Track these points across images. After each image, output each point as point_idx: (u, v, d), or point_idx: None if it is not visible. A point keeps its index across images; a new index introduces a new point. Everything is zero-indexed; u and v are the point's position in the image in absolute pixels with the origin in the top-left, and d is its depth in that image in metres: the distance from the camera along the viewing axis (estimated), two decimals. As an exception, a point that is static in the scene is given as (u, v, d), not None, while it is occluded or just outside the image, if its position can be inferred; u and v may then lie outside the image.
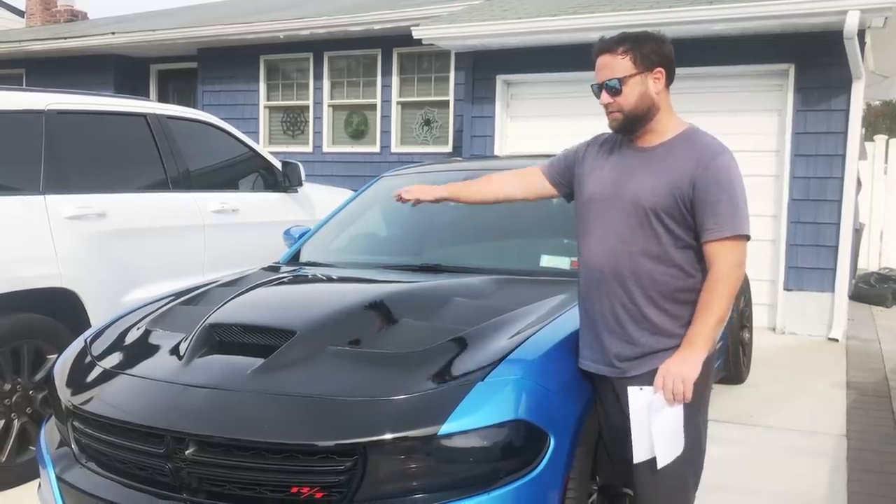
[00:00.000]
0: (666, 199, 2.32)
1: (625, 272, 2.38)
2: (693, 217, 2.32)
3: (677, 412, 2.31)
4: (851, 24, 6.00)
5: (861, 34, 6.33)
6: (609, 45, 2.39)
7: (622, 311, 2.40)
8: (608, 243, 2.42)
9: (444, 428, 2.14)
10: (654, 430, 2.30)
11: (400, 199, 2.92)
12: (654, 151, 2.42)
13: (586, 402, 2.53)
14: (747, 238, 2.31)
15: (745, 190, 2.35)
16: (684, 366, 2.28)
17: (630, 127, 2.42)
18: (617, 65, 2.36)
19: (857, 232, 8.28)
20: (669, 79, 2.42)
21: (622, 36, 2.40)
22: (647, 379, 2.36)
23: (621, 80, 2.35)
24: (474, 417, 2.18)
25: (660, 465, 2.32)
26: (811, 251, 6.90)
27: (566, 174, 2.69)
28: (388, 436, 2.14)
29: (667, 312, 2.37)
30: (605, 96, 2.39)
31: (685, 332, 2.35)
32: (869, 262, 10.75)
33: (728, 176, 2.31)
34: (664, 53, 2.40)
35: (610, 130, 2.62)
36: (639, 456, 2.34)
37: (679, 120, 2.46)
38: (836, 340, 6.75)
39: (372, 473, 2.14)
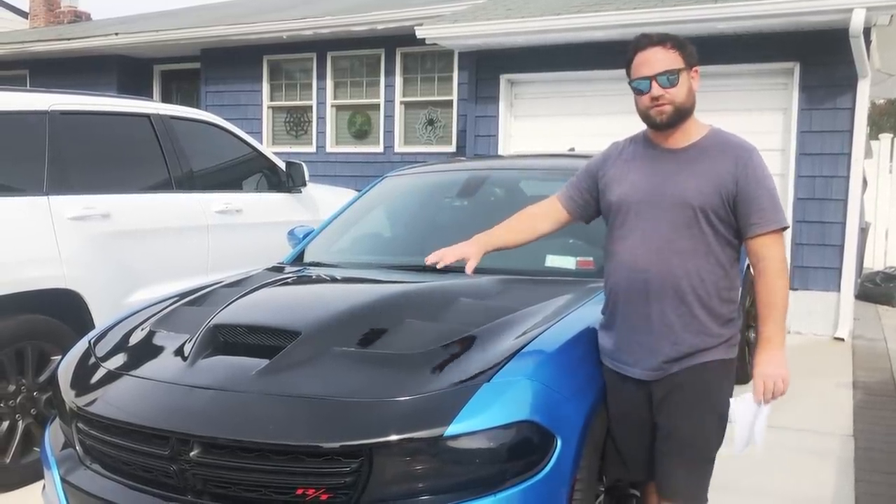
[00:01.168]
0: (713, 197, 2.35)
1: (676, 272, 2.38)
2: (735, 214, 2.36)
3: (769, 408, 2.43)
4: (857, 21, 5.98)
5: (867, 32, 6.32)
6: (659, 39, 2.40)
7: (671, 313, 2.39)
8: (652, 245, 2.40)
9: (451, 429, 2.13)
10: (756, 428, 2.42)
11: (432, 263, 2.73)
12: (686, 152, 2.43)
13: (593, 402, 2.52)
14: (786, 229, 2.38)
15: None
16: (776, 365, 2.38)
17: (676, 122, 2.40)
18: (670, 57, 2.37)
19: (863, 231, 8.25)
20: None
21: (664, 34, 2.43)
22: (683, 377, 2.41)
23: (678, 72, 2.36)
24: (480, 419, 2.16)
25: (761, 450, 2.47)
26: (816, 250, 6.89)
27: (585, 194, 2.66)
28: (394, 437, 2.12)
29: (711, 311, 2.40)
30: (656, 88, 2.36)
31: (723, 331, 2.42)
32: (874, 261, 10.72)
33: (763, 172, 2.37)
34: (695, 54, 2.45)
35: (614, 141, 2.67)
36: (738, 452, 2.44)
37: (699, 121, 2.48)
38: (842, 340, 6.72)
39: (378, 475, 2.12)
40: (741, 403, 2.41)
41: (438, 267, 2.68)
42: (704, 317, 2.39)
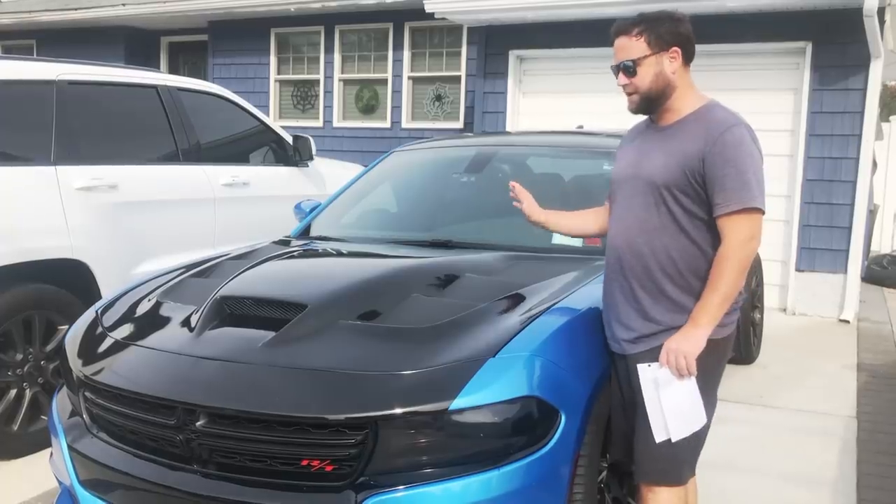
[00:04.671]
0: (676, 175, 2.33)
1: (643, 249, 2.40)
2: (706, 193, 2.32)
3: (689, 387, 2.32)
4: (871, 0, 5.91)
5: (881, 12, 6.24)
6: (624, 28, 2.41)
7: (640, 289, 2.41)
8: (626, 222, 2.46)
9: (455, 403, 2.13)
10: (664, 405, 2.32)
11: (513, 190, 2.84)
12: (668, 129, 2.43)
13: (598, 379, 2.52)
14: (758, 211, 2.28)
15: (761, 162, 2.34)
16: (685, 342, 2.30)
17: (647, 107, 2.44)
18: (632, 46, 2.38)
19: (871, 213, 8.22)
20: (688, 57, 2.43)
21: (638, 17, 2.42)
22: (656, 354, 2.38)
23: (635, 62, 2.38)
24: (485, 393, 2.17)
25: (674, 439, 2.34)
26: (824, 232, 6.86)
27: None
28: (399, 410, 2.13)
29: (684, 289, 2.37)
30: (621, 77, 2.42)
31: None
32: (882, 244, 10.68)
33: (737, 149, 2.28)
34: (680, 32, 2.40)
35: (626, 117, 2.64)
36: (658, 434, 2.35)
37: (699, 96, 2.45)
38: (848, 322, 6.72)
39: (382, 448, 2.14)
40: (646, 371, 2.35)
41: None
42: (678, 295, 2.37)
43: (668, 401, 2.33)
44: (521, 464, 2.18)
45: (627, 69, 2.39)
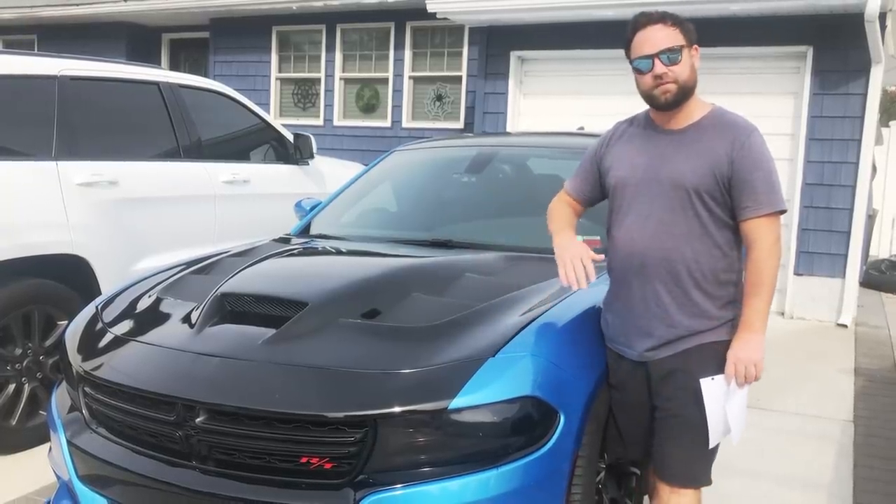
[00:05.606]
0: (707, 178, 2.33)
1: (670, 255, 2.38)
2: (730, 196, 2.33)
3: (745, 393, 2.40)
4: (873, 6, 5.93)
5: (882, 17, 6.25)
6: (659, 17, 2.37)
7: (666, 295, 2.39)
8: (647, 228, 2.40)
9: (455, 402, 2.14)
10: (729, 414, 2.37)
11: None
12: (684, 133, 2.41)
13: (597, 380, 2.53)
14: (782, 214, 2.35)
15: (776, 167, 2.38)
16: (751, 350, 2.33)
17: (680, 100, 2.38)
18: (671, 34, 2.34)
19: (870, 218, 8.24)
20: None
21: (663, 11, 2.40)
22: (680, 359, 2.39)
23: (679, 49, 2.34)
24: (484, 393, 2.17)
25: (735, 442, 2.44)
26: (823, 236, 6.87)
27: (591, 179, 2.63)
28: (398, 409, 2.13)
29: (708, 294, 2.39)
30: (659, 66, 2.33)
31: (722, 314, 2.39)
32: (880, 249, 10.70)
33: (762, 153, 2.33)
34: (696, 33, 2.42)
35: (617, 121, 2.65)
36: (714, 440, 2.39)
37: (702, 101, 2.46)
38: (846, 326, 6.73)
39: (381, 446, 2.14)
40: (711, 385, 2.37)
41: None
42: (701, 299, 2.38)
43: (732, 409, 2.38)
44: (520, 464, 2.19)
45: (670, 57, 2.32)
